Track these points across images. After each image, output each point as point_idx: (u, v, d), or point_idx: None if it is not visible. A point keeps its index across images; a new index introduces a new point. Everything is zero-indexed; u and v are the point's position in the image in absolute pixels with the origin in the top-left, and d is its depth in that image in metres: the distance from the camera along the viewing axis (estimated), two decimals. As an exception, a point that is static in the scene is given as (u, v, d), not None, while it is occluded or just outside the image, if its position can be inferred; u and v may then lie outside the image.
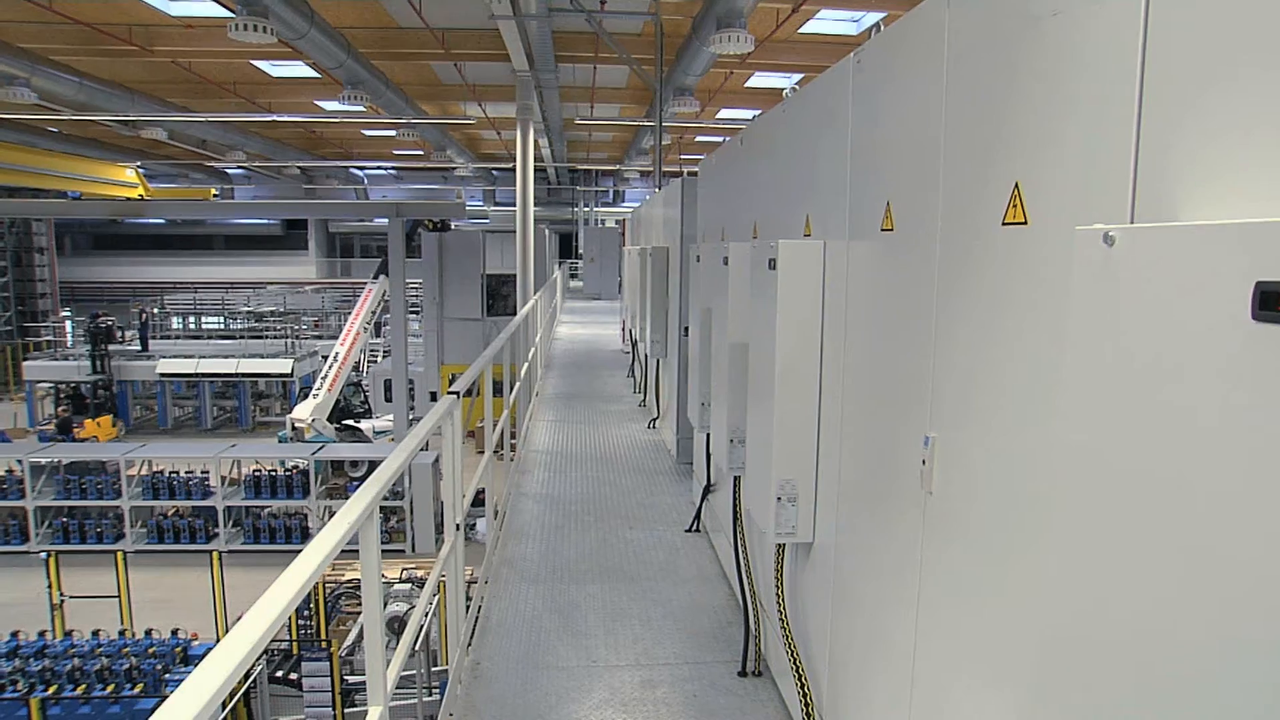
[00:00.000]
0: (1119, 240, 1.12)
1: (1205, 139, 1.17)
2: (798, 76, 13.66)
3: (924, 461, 2.03)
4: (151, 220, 35.64)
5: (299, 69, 14.64)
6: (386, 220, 14.06)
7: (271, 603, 1.57)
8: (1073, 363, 1.19)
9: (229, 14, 9.38)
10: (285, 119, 18.24)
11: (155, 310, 27.80)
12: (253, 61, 14.39)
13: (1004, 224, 1.69)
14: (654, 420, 8.78)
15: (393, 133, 20.46)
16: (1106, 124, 1.37)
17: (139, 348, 22.13)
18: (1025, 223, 1.63)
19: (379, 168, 30.55)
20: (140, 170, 25.14)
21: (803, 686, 3.04)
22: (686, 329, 5.64)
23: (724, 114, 18.38)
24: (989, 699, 1.79)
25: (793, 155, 3.38)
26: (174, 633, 8.98)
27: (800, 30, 11.98)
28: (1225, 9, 1.15)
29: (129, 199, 24.39)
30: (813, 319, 2.91)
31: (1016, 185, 1.65)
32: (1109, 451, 1.14)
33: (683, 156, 24.08)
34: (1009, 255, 1.68)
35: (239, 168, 26.18)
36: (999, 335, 1.75)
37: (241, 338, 25.13)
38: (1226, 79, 1.14)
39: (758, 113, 14.31)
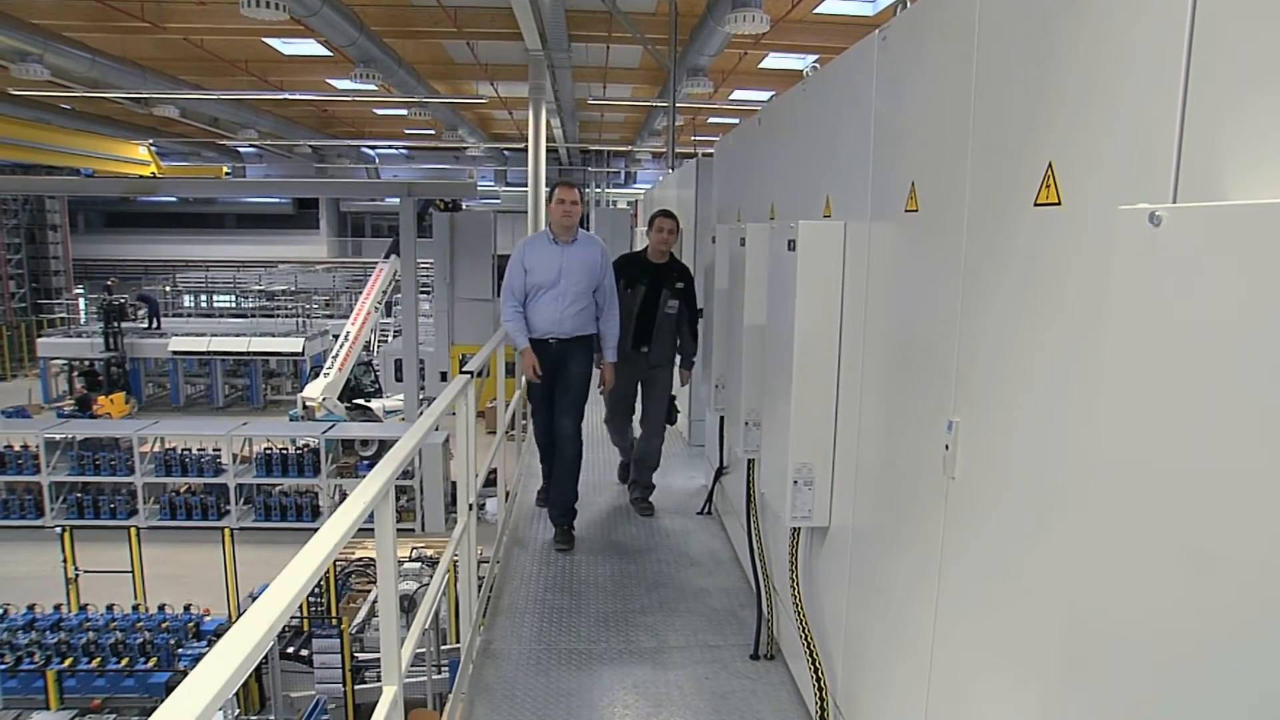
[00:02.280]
0: (1166, 220, 1.08)
1: (1253, 121, 1.13)
2: (813, 57, 13.51)
3: (947, 447, 2.00)
4: (163, 198, 35.68)
5: (311, 47, 14.56)
6: (398, 200, 14.01)
7: (291, 579, 1.58)
8: (1114, 346, 1.16)
9: (241, -10, 9.31)
10: (297, 97, 18.16)
11: (167, 289, 27.91)
12: (264, 39, 14.31)
13: (1036, 205, 1.65)
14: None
15: (405, 112, 20.37)
16: (1149, 103, 1.33)
17: (157, 325, 22.28)
18: (1059, 203, 1.59)
19: (390, 147, 30.46)
20: (153, 148, 25.13)
21: (816, 671, 3.03)
22: (702, 311, 5.61)
23: (738, 95, 18.21)
24: (1010, 687, 1.77)
25: (813, 135, 3.33)
26: (186, 608, 9.06)
27: (816, 10, 11.82)
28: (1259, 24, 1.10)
29: (141, 177, 24.41)
30: (832, 301, 2.87)
31: (1050, 166, 1.61)
32: (1152, 437, 1.11)
33: (695, 138, 23.92)
34: (1040, 237, 1.65)
35: (251, 146, 26.13)
36: (1028, 319, 1.71)
37: (253, 316, 25.18)
38: (1277, 61, 1.10)
39: (772, 94, 14.10)
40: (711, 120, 21.99)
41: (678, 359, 5.62)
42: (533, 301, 4.85)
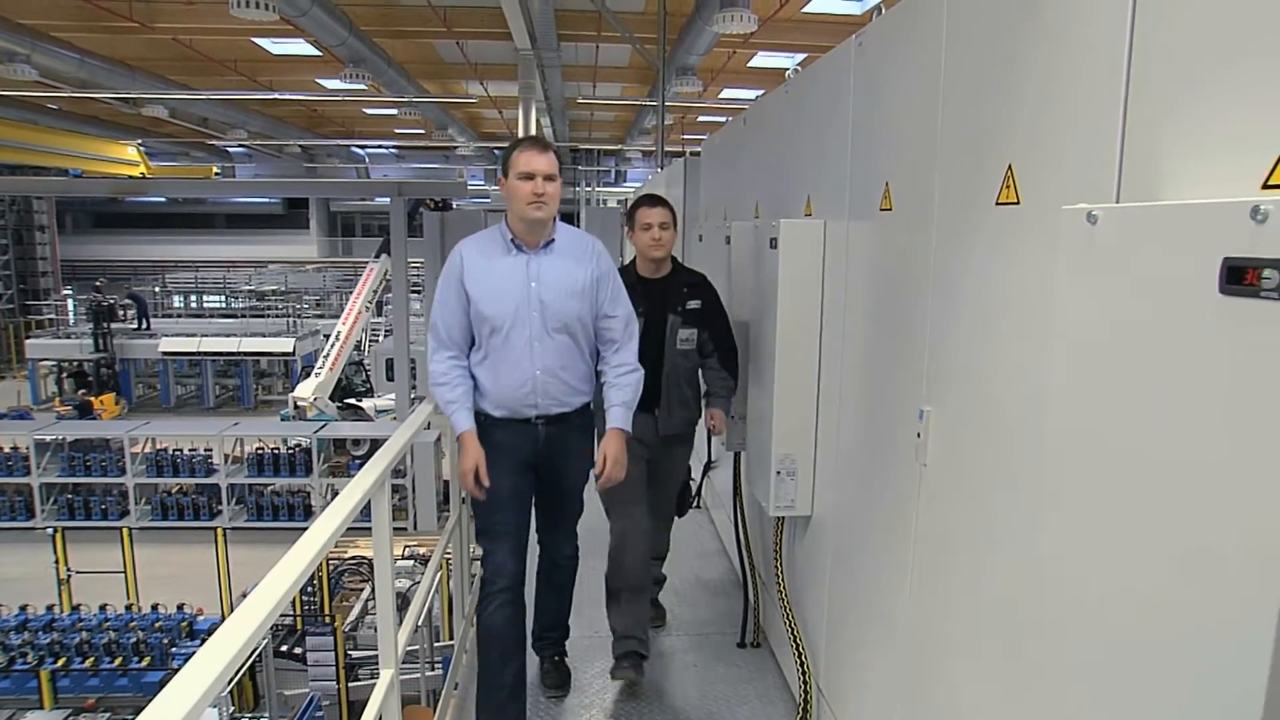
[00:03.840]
0: (1101, 219, 1.17)
1: (1186, 124, 1.22)
2: (801, 56, 13.60)
3: (919, 434, 2.09)
4: (153, 199, 35.55)
5: (300, 46, 14.58)
6: (388, 199, 14.05)
7: (285, 573, 1.61)
8: (1058, 336, 1.25)
9: (231, -9, 9.35)
10: (286, 97, 18.18)
11: (156, 289, 27.82)
12: (254, 39, 14.33)
13: (997, 204, 1.74)
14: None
15: (394, 111, 20.39)
16: (1096, 109, 1.42)
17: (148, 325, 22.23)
18: (1018, 203, 1.68)
19: (380, 147, 30.44)
20: (141, 148, 25.05)
21: (800, 656, 3.13)
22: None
23: (727, 93, 18.30)
24: (981, 666, 1.86)
25: (795, 136, 3.42)
26: (179, 607, 9.10)
27: (804, 10, 11.92)
28: (1206, 7, 1.20)
29: (130, 177, 24.32)
30: (813, 297, 2.97)
31: (1010, 167, 1.70)
32: (1093, 422, 1.20)
33: (685, 136, 24.01)
34: (1001, 234, 1.74)
35: (240, 146, 26.09)
36: (991, 312, 1.80)
37: (243, 316, 25.13)
38: (1208, 67, 1.19)
39: (761, 92, 14.21)
40: (701, 119, 22.07)
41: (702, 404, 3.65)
42: (486, 351, 2.88)
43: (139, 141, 24.35)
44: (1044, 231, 1.56)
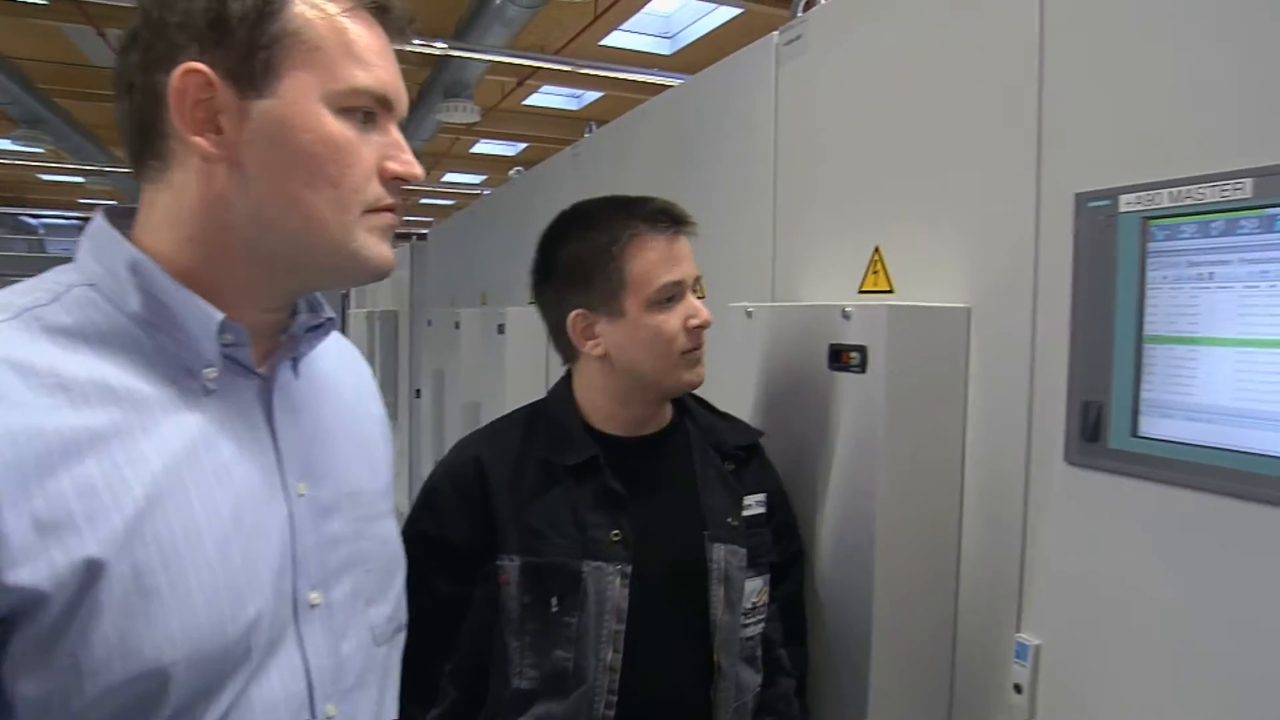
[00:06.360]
0: (754, 314, 1.55)
1: (806, 251, 1.65)
2: (523, 146, 14.29)
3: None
4: None
5: (-43, 101, 12.88)
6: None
7: None
8: (730, 400, 1.60)
9: None
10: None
11: None
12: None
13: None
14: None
15: (80, 179, 18.44)
16: (756, 234, 1.83)
17: None
18: (703, 297, 2.05)
19: (60, 217, 27.16)
20: None
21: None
22: (419, 391, 5.74)
23: (450, 178, 18.63)
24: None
25: (517, 230, 3.73)
26: None
27: (525, 103, 12.60)
28: (807, 176, 1.64)
29: None
30: (537, 379, 3.23)
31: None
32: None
33: (408, 219, 23.94)
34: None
35: None
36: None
37: None
38: (814, 208, 1.62)
39: (484, 178, 14.57)
40: (424, 200, 22.17)
41: None
42: None
43: None
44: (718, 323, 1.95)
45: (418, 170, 0.76)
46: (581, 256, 1.24)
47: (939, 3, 1.36)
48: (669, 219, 1.25)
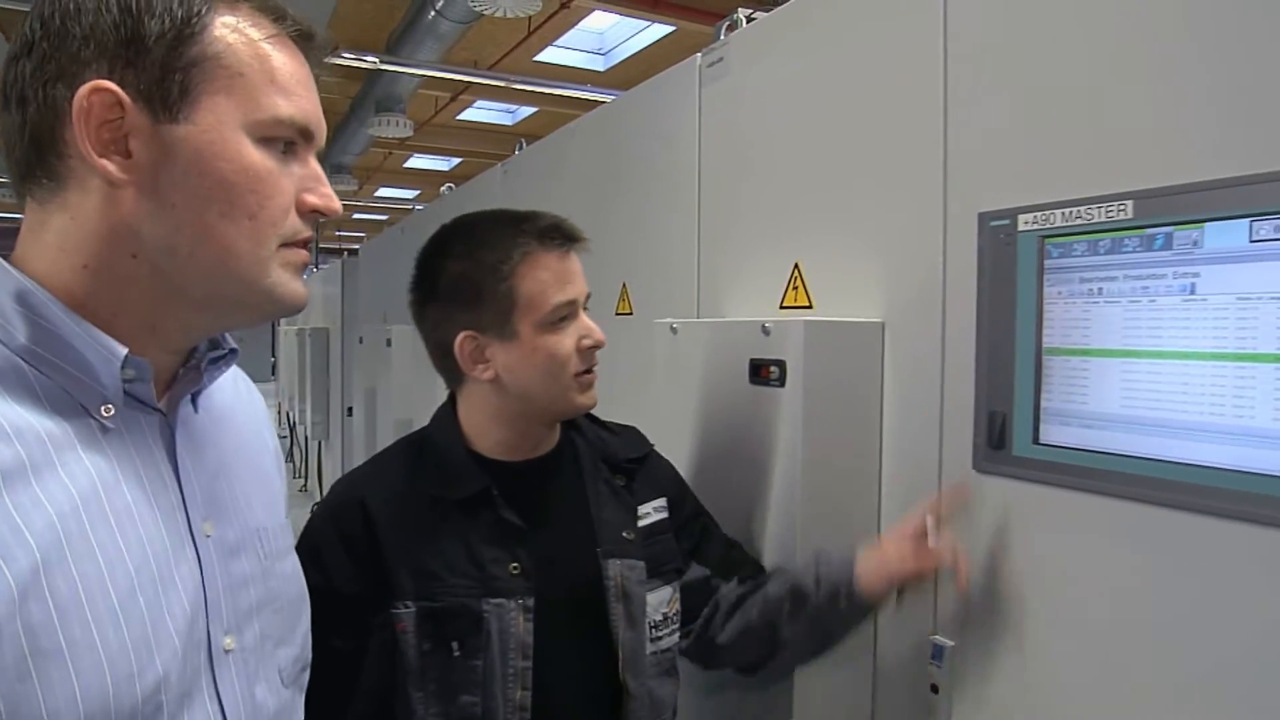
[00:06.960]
0: (679, 330, 1.58)
1: (730, 268, 1.69)
2: (457, 160, 14.20)
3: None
4: None
5: None
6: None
7: None
8: (655, 414, 1.62)
9: None
10: None
11: None
12: None
13: (617, 314, 2.14)
14: (315, 505, 8.44)
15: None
16: (682, 251, 1.87)
17: None
18: (631, 313, 2.09)
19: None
20: None
21: None
22: (350, 409, 5.65)
23: (383, 192, 18.39)
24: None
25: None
26: None
27: (458, 117, 12.53)
28: (730, 194, 1.68)
29: None
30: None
31: (624, 285, 2.11)
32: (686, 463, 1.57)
33: (339, 233, 23.54)
34: (620, 337, 2.14)
35: None
36: (613, 398, 2.18)
37: None
38: (737, 226, 1.67)
39: (418, 193, 14.41)
40: (356, 215, 21.85)
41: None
42: None
43: None
44: (646, 335, 1.97)
45: (336, 205, 0.74)
46: (469, 275, 1.17)
47: (851, 29, 1.41)
48: (561, 236, 1.20)
